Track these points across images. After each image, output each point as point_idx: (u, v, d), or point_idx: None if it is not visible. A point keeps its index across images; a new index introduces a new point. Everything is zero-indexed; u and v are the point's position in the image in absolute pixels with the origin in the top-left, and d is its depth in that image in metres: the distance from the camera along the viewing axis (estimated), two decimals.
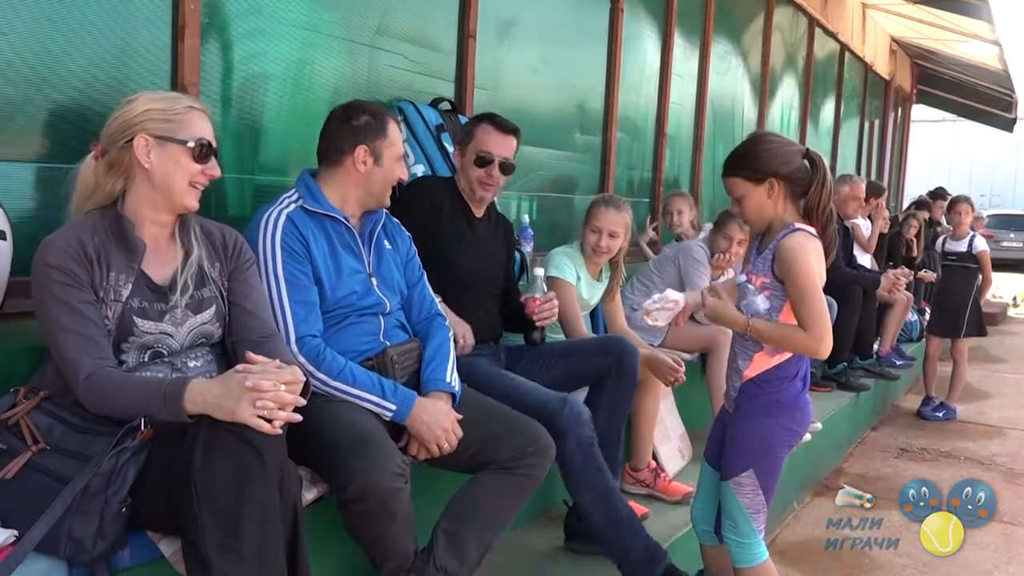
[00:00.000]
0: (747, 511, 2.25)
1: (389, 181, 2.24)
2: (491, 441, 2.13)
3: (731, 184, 2.20)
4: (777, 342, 2.18)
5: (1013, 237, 20.78)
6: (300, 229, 2.12)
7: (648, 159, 5.19)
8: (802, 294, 2.10)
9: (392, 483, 1.85)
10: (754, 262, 2.24)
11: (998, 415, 6.07)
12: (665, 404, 3.45)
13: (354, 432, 1.92)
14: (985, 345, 8.62)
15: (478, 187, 2.69)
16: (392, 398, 2.06)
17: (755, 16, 6.54)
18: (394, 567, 2.03)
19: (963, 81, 11.42)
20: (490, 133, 2.67)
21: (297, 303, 2.06)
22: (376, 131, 2.20)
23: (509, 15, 3.80)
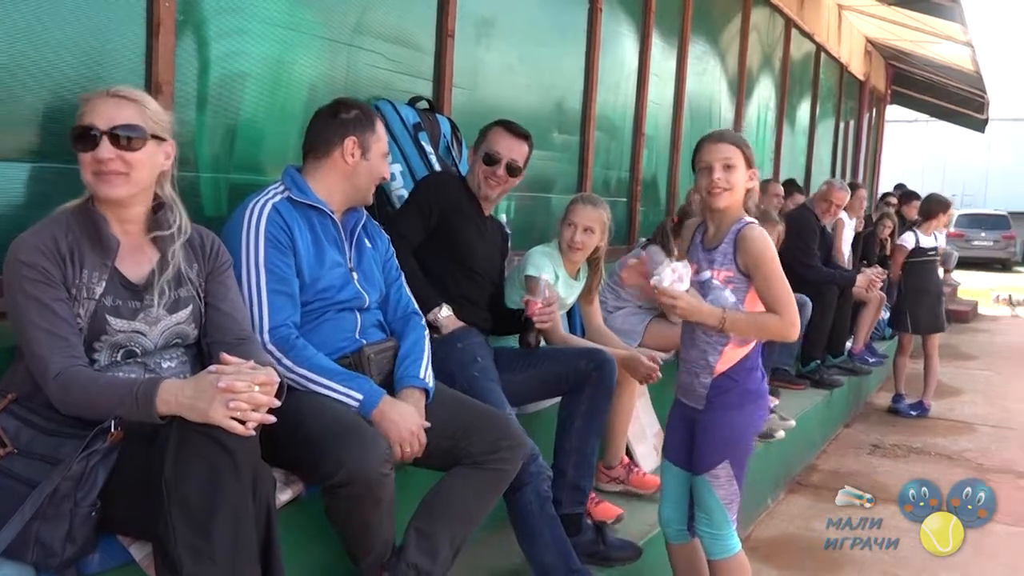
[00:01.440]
0: (723, 502, 2.30)
1: (375, 176, 2.28)
2: (463, 435, 2.13)
3: (733, 152, 2.24)
4: (753, 331, 2.26)
5: (984, 236, 21.11)
6: (286, 219, 2.13)
7: (626, 159, 5.21)
8: (771, 280, 2.21)
9: (380, 468, 1.86)
10: (707, 258, 2.28)
11: (968, 411, 6.17)
12: (641, 403, 3.48)
13: (339, 421, 1.93)
14: (955, 342, 8.77)
15: (484, 184, 2.80)
16: (358, 389, 2.05)
17: (732, 17, 6.59)
18: (374, 559, 2.04)
19: (936, 82, 11.57)
20: (501, 135, 2.81)
21: (274, 292, 2.06)
22: (365, 125, 2.24)
23: (488, 14, 3.80)
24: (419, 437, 2.07)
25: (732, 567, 2.35)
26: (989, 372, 7.69)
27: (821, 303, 5.10)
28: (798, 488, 4.44)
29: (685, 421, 2.39)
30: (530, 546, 2.38)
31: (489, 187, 2.81)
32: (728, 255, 2.23)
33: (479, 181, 2.81)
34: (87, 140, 1.68)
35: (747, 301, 2.24)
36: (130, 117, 1.70)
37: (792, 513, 4.08)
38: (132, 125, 1.69)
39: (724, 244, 2.24)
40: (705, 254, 2.30)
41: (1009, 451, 5.18)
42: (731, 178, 2.22)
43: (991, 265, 20.35)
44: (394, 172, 2.98)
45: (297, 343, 2.05)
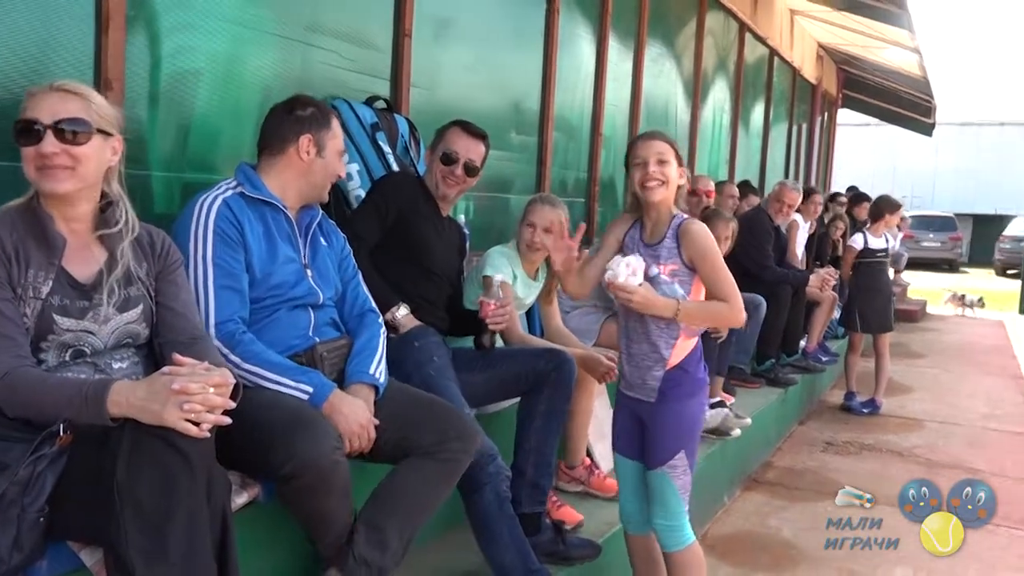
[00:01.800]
0: (680, 492, 2.35)
1: (330, 174, 2.27)
2: (413, 427, 2.12)
3: (665, 148, 2.32)
4: (705, 318, 2.38)
5: (932, 237, 21.68)
6: (236, 214, 2.10)
7: (584, 159, 5.24)
8: (718, 273, 2.30)
9: (331, 456, 1.85)
10: (652, 252, 2.33)
11: (918, 408, 6.32)
12: (600, 402, 3.49)
13: (288, 412, 1.91)
14: (905, 341, 8.98)
15: (442, 183, 2.80)
16: (308, 383, 2.03)
17: (688, 20, 6.67)
18: (332, 542, 2.03)
19: (886, 87, 11.84)
20: (458, 135, 2.82)
21: (222, 288, 2.03)
22: (321, 122, 2.23)
23: (445, 14, 3.79)
24: (368, 432, 2.06)
25: (689, 557, 2.39)
26: (938, 370, 7.88)
27: (775, 303, 5.18)
28: (754, 485, 4.50)
29: (633, 415, 2.43)
30: (489, 546, 2.38)
31: (447, 186, 2.81)
32: (672, 249, 2.31)
33: (437, 180, 2.80)
34: (30, 134, 1.64)
35: (692, 293, 2.33)
36: (75, 111, 1.66)
37: (748, 510, 4.14)
38: (77, 119, 1.65)
39: (667, 239, 2.31)
40: (648, 250, 2.35)
41: (957, 447, 5.31)
42: (665, 171, 2.30)
43: (939, 266, 20.90)
44: (351, 172, 2.96)
45: (244, 338, 2.02)
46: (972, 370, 7.97)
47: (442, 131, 2.86)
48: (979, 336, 10.34)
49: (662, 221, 2.34)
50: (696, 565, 2.40)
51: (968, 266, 22.80)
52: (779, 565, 3.51)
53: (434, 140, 2.87)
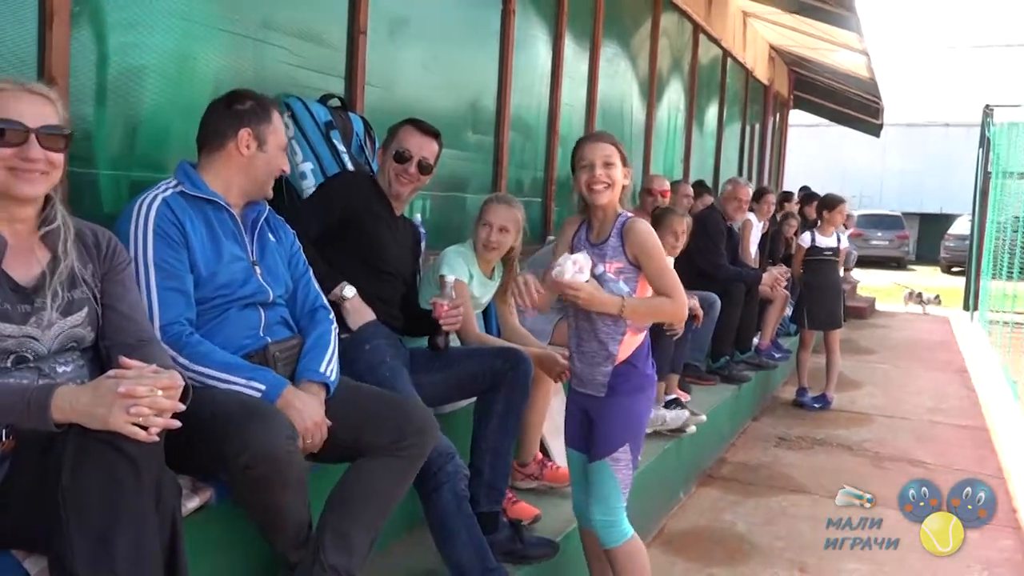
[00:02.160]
0: (620, 486, 2.39)
1: (272, 169, 2.23)
2: (369, 425, 2.10)
3: (610, 150, 2.37)
4: (650, 314, 2.41)
5: (880, 235, 22.19)
6: (176, 214, 2.05)
7: (540, 159, 5.26)
8: (661, 269, 2.37)
9: (285, 447, 1.82)
10: (598, 251, 2.39)
11: (867, 403, 6.47)
12: (557, 400, 3.51)
13: (240, 403, 1.89)
14: (855, 337, 9.18)
15: (395, 182, 2.77)
16: (260, 380, 2.00)
17: (643, 21, 6.72)
18: (289, 538, 2.01)
19: (835, 88, 12.09)
20: (411, 133, 2.79)
21: (165, 290, 1.99)
22: (260, 116, 2.19)
23: (401, 12, 3.77)
24: (321, 429, 2.03)
25: (630, 551, 2.42)
26: (887, 365, 8.07)
27: (729, 301, 5.25)
28: (709, 481, 4.56)
29: (583, 410, 2.49)
30: (447, 545, 2.38)
31: (400, 184, 2.78)
32: (617, 248, 2.36)
33: (390, 179, 2.78)
34: (4, 135, 1.60)
35: (638, 290, 2.38)
36: (52, 116, 1.66)
37: (703, 506, 4.19)
38: (59, 125, 1.66)
39: (611, 238, 2.37)
40: (594, 250, 2.40)
41: (904, 441, 5.44)
42: (611, 174, 2.35)
43: (887, 263, 21.39)
44: (305, 171, 2.93)
45: (191, 340, 1.99)
46: (919, 365, 8.17)
47: (395, 130, 2.83)
48: (926, 332, 10.61)
49: (608, 220, 2.40)
50: (639, 557, 2.43)
51: (915, 264, 23.39)
52: (733, 559, 3.56)
53: (387, 139, 2.85)
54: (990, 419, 6.10)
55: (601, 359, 2.39)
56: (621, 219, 2.38)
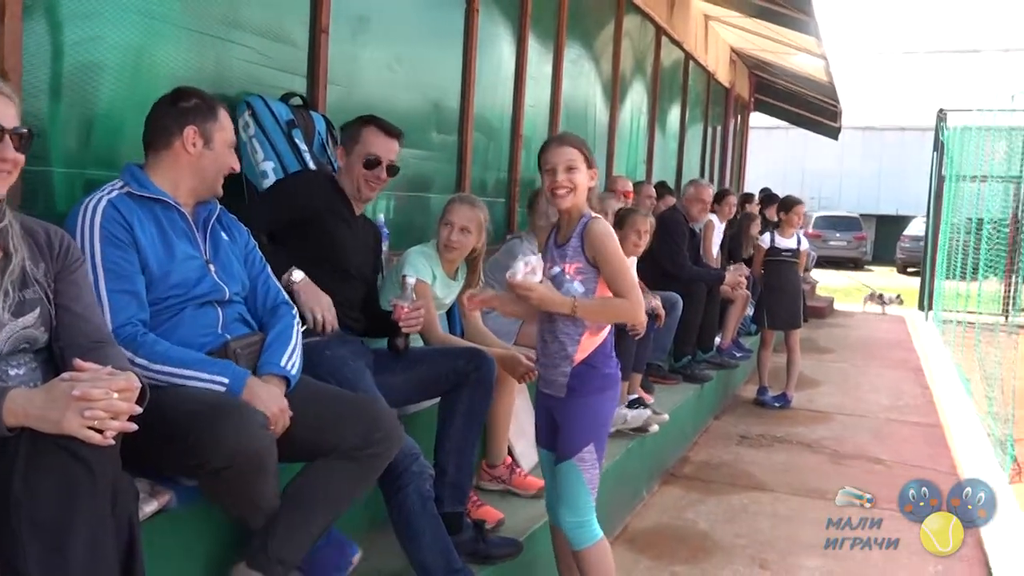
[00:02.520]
0: (588, 486, 2.40)
1: (220, 167, 2.20)
2: (334, 427, 2.09)
3: (573, 154, 2.38)
4: (603, 314, 2.41)
5: (839, 237, 22.59)
6: (124, 215, 2.02)
7: (504, 159, 5.26)
8: (616, 269, 2.37)
9: (262, 437, 1.82)
10: (559, 253, 2.43)
11: (826, 401, 6.57)
12: (520, 400, 3.51)
13: (206, 402, 1.86)
14: (814, 336, 9.33)
15: (365, 187, 2.74)
16: (222, 373, 1.98)
17: (606, 23, 6.76)
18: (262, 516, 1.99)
19: (795, 92, 12.28)
20: (377, 136, 2.74)
21: (116, 292, 1.95)
22: (206, 113, 2.16)
23: (363, 11, 3.75)
24: (286, 415, 2.02)
25: (599, 552, 2.43)
26: (844, 364, 8.21)
27: (691, 301, 5.30)
28: (671, 479, 4.60)
29: (548, 409, 2.51)
30: (411, 545, 2.37)
31: (370, 189, 2.76)
32: (577, 248, 2.38)
33: (359, 184, 2.74)
34: None
35: (597, 291, 2.39)
36: (17, 115, 1.65)
37: (666, 504, 4.23)
38: (25, 125, 1.65)
39: (573, 239, 2.39)
40: (558, 250, 2.44)
41: (862, 438, 5.55)
42: (574, 179, 2.36)
43: (845, 264, 21.77)
44: (266, 169, 2.90)
45: (145, 339, 1.95)
46: (876, 364, 8.33)
47: (356, 131, 2.77)
48: (883, 331, 10.82)
49: (572, 222, 2.42)
50: (606, 558, 2.44)
51: (872, 264, 23.83)
52: (695, 557, 3.60)
53: (346, 139, 2.79)
54: (944, 416, 6.24)
55: (560, 359, 2.41)
56: (584, 220, 2.39)
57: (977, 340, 7.04)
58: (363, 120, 2.79)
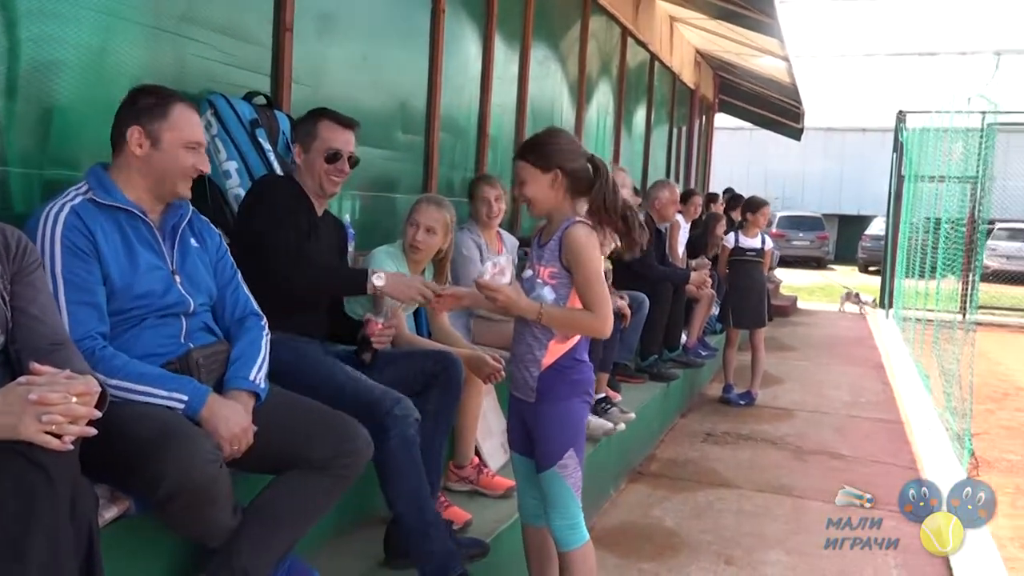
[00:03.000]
0: (573, 490, 2.36)
1: (177, 169, 2.08)
2: (304, 439, 2.06)
3: (520, 168, 2.34)
4: (567, 325, 2.34)
5: (802, 236, 22.91)
6: (86, 223, 1.96)
7: (471, 159, 5.25)
8: (588, 280, 2.30)
9: (208, 471, 1.77)
10: (538, 254, 2.37)
11: (789, 399, 6.66)
12: (488, 401, 3.51)
13: (156, 427, 1.79)
14: (778, 335, 9.44)
15: (328, 183, 2.66)
16: (182, 390, 1.93)
17: (572, 24, 6.78)
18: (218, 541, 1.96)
19: (758, 93, 12.42)
20: (335, 129, 2.66)
21: (76, 304, 1.90)
22: (155, 113, 2.05)
23: (328, 9, 3.72)
24: (248, 435, 1.97)
25: (587, 552, 2.40)
26: (807, 362, 8.33)
27: (657, 300, 5.34)
28: (638, 477, 4.63)
29: (519, 414, 2.46)
30: (390, 489, 2.38)
31: (333, 184, 2.69)
32: (554, 251, 2.32)
33: (321, 180, 2.66)
34: None
35: (571, 298, 2.33)
36: None
37: (632, 502, 4.25)
38: None
39: (552, 241, 2.33)
40: (538, 250, 2.39)
41: (824, 434, 5.63)
42: (526, 192, 2.33)
43: (808, 263, 22.08)
44: (229, 169, 2.87)
45: (104, 353, 1.90)
46: (838, 361, 8.47)
47: (311, 127, 2.67)
48: (845, 329, 10.99)
49: (554, 224, 2.37)
50: (590, 561, 2.42)
51: (834, 263, 24.20)
52: (662, 554, 3.62)
53: (302, 136, 2.69)
54: (904, 412, 6.36)
55: (528, 362, 2.36)
56: (565, 224, 2.32)
57: (936, 337, 7.19)
58: (316, 114, 2.71)
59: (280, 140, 3.10)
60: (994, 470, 5.01)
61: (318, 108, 2.73)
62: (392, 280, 2.58)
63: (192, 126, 2.12)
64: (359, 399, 2.38)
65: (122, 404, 1.81)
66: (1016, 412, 6.69)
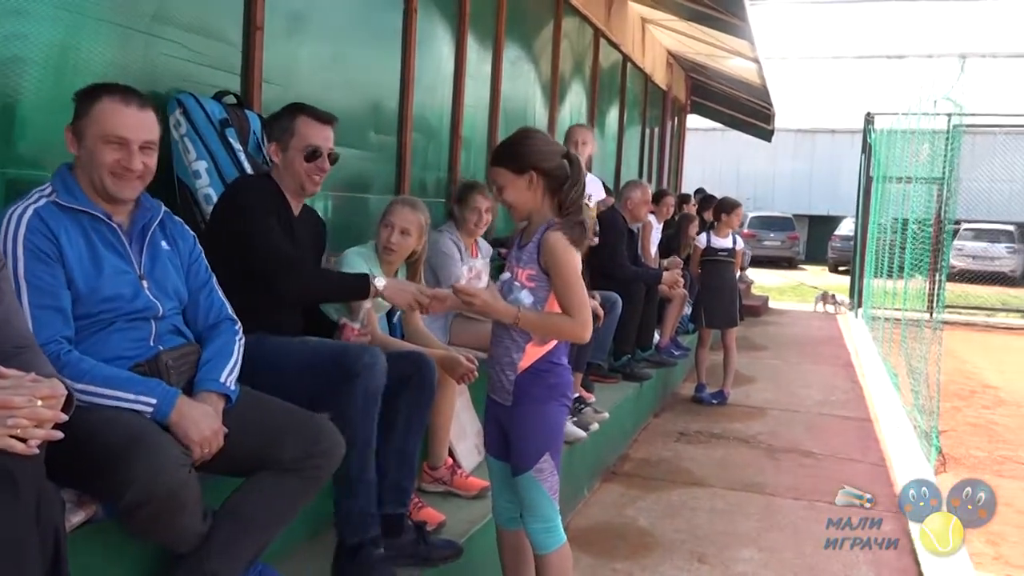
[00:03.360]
0: (550, 493, 2.35)
1: (99, 165, 1.98)
2: (274, 440, 2.04)
3: (495, 174, 2.32)
4: (545, 330, 2.32)
5: (773, 236, 23.14)
6: (50, 226, 1.92)
7: (444, 160, 5.24)
8: (567, 284, 2.28)
9: (176, 477, 1.74)
10: (517, 256, 2.36)
11: (761, 397, 6.72)
12: (461, 401, 3.51)
13: (123, 433, 1.76)
14: (749, 334, 9.53)
15: (307, 182, 2.61)
16: (150, 393, 1.89)
17: (544, 24, 6.79)
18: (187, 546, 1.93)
19: (730, 94, 12.53)
20: (313, 126, 2.60)
21: (39, 308, 1.86)
22: (80, 109, 1.99)
23: (299, 8, 3.69)
24: (218, 437, 1.95)
25: (563, 555, 2.40)
26: (778, 361, 8.41)
27: (630, 300, 5.36)
28: (612, 477, 4.64)
29: (496, 418, 2.45)
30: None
31: (314, 183, 2.62)
32: (533, 254, 2.30)
33: (302, 180, 2.59)
34: None
35: (550, 301, 2.31)
36: None
37: (607, 502, 4.27)
38: None
39: (531, 244, 2.31)
40: (517, 252, 2.37)
41: (795, 432, 5.69)
42: (505, 198, 2.32)
43: (779, 263, 22.31)
44: (199, 169, 2.84)
45: (69, 358, 1.86)
46: (809, 360, 8.56)
47: (289, 124, 2.60)
48: (815, 329, 11.12)
49: (534, 226, 2.34)
50: (567, 561, 2.41)
51: (805, 263, 24.47)
52: (636, 553, 3.64)
53: (279, 133, 2.61)
54: (874, 410, 6.45)
55: (505, 364, 2.35)
56: (544, 226, 2.29)
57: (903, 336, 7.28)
58: (293, 110, 2.63)
59: (251, 140, 3.07)
60: (961, 466, 5.09)
61: (294, 104, 2.67)
62: (391, 285, 2.59)
63: (113, 120, 1.98)
64: (334, 352, 2.40)
65: (89, 409, 1.78)
66: (982, 410, 6.81)
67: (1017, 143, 14.07)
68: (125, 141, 1.99)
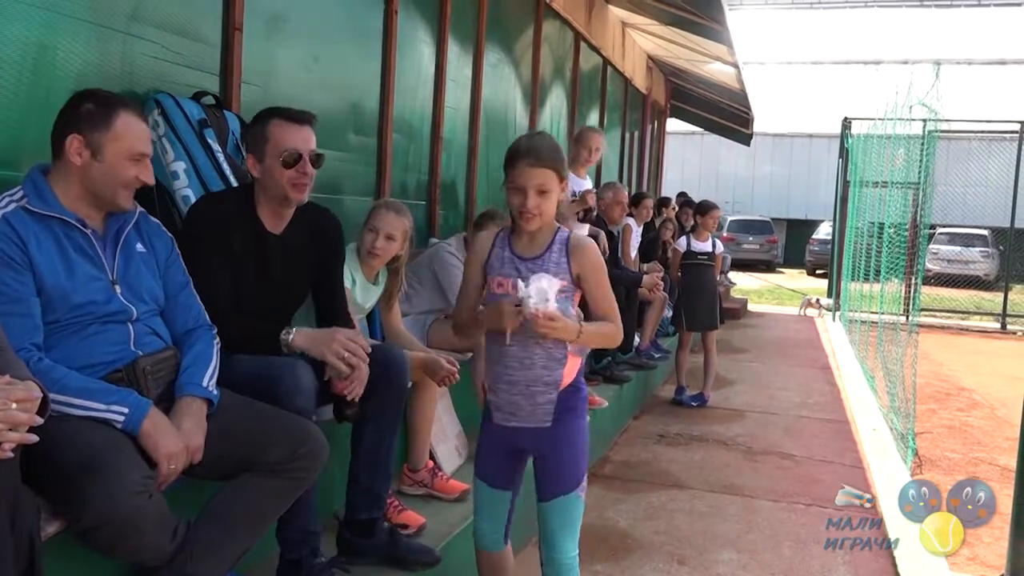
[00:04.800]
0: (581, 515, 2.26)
1: (118, 181, 1.99)
2: (258, 443, 2.02)
3: (543, 176, 2.08)
4: (601, 339, 2.23)
5: (751, 240, 23.33)
6: (19, 232, 1.88)
7: (425, 162, 5.23)
8: (604, 290, 2.19)
9: (132, 503, 1.69)
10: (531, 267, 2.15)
11: (740, 400, 6.76)
12: (442, 404, 3.50)
13: (83, 452, 1.71)
14: (729, 337, 9.58)
15: (291, 191, 2.38)
16: (122, 403, 1.85)
17: (525, 27, 6.80)
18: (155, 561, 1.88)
19: (709, 98, 12.62)
20: (287, 128, 2.38)
21: (7, 316, 1.82)
22: (96, 121, 1.96)
23: (279, 9, 3.67)
24: (192, 453, 1.91)
25: None
26: (757, 363, 8.47)
27: None
28: (592, 479, 4.62)
29: (510, 447, 2.29)
30: None
31: (299, 191, 2.40)
32: (561, 264, 2.14)
33: (285, 189, 2.38)
34: None
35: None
36: None
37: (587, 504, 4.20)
38: None
39: (553, 254, 2.15)
40: (525, 264, 2.17)
41: (774, 434, 5.73)
42: (544, 205, 2.10)
43: (757, 266, 22.48)
44: (177, 170, 2.80)
45: (41, 366, 1.81)
46: (788, 363, 8.62)
47: (262, 131, 2.41)
48: (794, 331, 11.21)
49: (543, 233, 2.18)
50: None
51: (783, 266, 24.66)
52: (616, 555, 3.65)
53: (254, 143, 2.42)
54: (851, 412, 6.51)
55: (542, 386, 2.18)
56: (563, 234, 2.17)
57: (880, 339, 7.36)
58: (264, 116, 2.44)
59: (229, 140, 3.04)
60: (936, 468, 5.15)
61: (266, 108, 2.49)
62: (300, 337, 2.34)
63: (137, 136, 2.01)
64: (260, 374, 2.24)
65: (59, 419, 1.73)
66: (957, 412, 6.89)
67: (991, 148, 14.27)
68: (144, 156, 2.03)
